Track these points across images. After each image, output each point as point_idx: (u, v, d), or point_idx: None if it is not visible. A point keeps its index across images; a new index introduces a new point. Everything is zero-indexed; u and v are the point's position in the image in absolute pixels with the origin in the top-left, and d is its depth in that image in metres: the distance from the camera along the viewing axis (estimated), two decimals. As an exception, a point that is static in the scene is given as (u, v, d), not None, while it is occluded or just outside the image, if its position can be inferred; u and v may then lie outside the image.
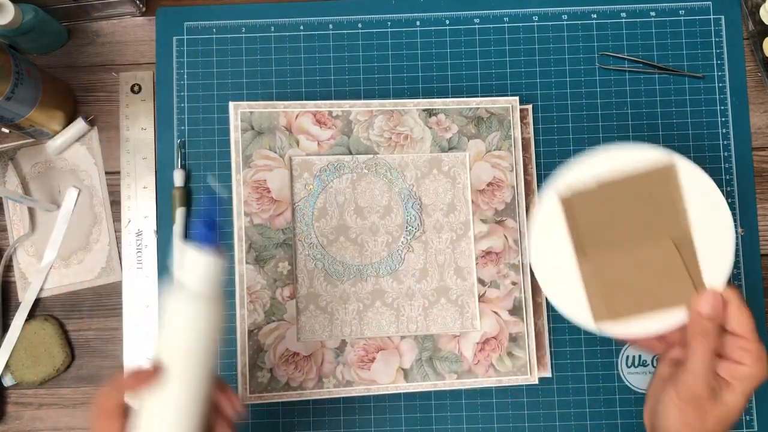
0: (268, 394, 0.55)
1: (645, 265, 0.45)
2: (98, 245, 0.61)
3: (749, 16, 0.62)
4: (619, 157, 0.45)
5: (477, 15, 0.63)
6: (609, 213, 0.45)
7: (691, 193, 0.44)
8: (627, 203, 0.45)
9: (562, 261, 0.46)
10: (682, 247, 0.44)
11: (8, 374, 0.59)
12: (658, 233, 0.45)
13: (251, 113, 0.58)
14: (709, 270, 0.44)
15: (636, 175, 0.45)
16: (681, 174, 0.45)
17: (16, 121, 0.56)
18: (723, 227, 0.44)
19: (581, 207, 0.45)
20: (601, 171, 0.45)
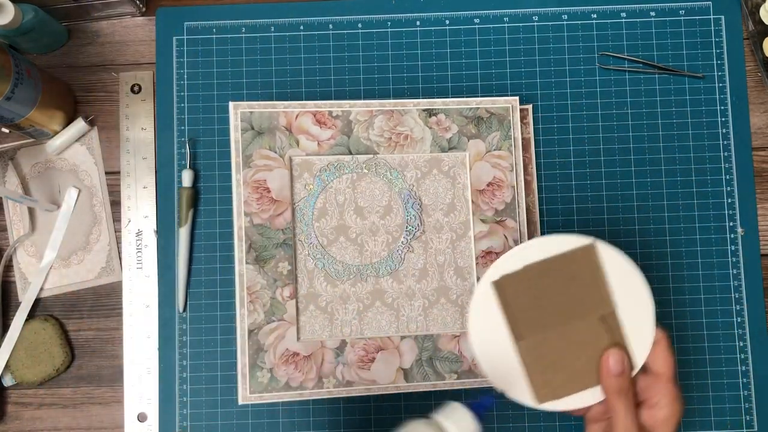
0: (268, 394, 0.55)
1: (577, 343, 0.47)
2: (98, 245, 0.61)
3: (749, 16, 0.62)
4: (545, 244, 0.48)
5: (477, 15, 0.63)
6: (539, 296, 0.47)
7: (610, 271, 0.47)
8: (554, 285, 0.47)
9: (501, 345, 0.48)
10: (608, 322, 0.47)
11: (8, 374, 0.59)
12: (585, 312, 0.47)
13: (251, 113, 0.58)
14: (635, 338, 0.47)
15: (559, 258, 0.47)
16: (600, 254, 0.47)
17: (16, 121, 0.56)
18: (642, 300, 0.47)
19: (513, 291, 0.48)
20: (529, 256, 0.48)
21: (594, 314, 0.47)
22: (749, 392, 0.59)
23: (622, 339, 0.47)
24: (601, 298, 0.47)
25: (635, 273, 0.47)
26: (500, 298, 0.48)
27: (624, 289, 0.47)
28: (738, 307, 0.60)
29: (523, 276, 0.48)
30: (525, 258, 0.48)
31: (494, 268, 0.48)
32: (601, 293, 0.47)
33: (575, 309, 0.47)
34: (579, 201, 0.61)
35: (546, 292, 0.47)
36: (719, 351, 0.60)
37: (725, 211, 0.61)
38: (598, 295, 0.47)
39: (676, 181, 0.61)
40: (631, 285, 0.47)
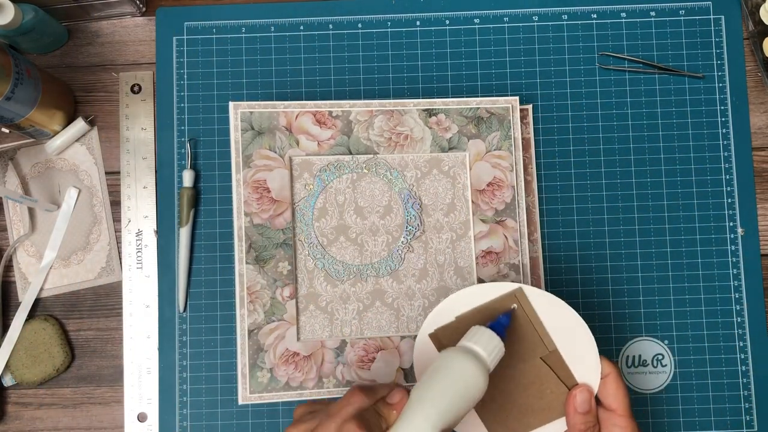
0: (268, 394, 0.55)
1: (524, 384, 0.48)
2: (98, 245, 0.61)
3: (749, 16, 0.62)
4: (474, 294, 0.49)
5: (477, 15, 0.63)
6: None
7: (543, 312, 0.48)
8: None
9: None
10: (551, 361, 0.48)
11: (8, 374, 0.59)
12: (526, 354, 0.48)
13: (251, 113, 0.58)
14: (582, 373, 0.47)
15: (490, 305, 0.49)
16: (529, 297, 0.48)
17: (16, 121, 0.56)
18: (581, 336, 0.47)
19: (449, 342, 0.48)
20: (460, 308, 0.49)
21: (535, 355, 0.48)
22: (749, 392, 0.59)
23: (570, 375, 0.47)
24: (539, 339, 0.48)
25: (569, 311, 0.47)
26: (440, 350, 0.48)
27: (561, 328, 0.48)
28: (738, 307, 0.60)
29: (457, 326, 0.48)
30: (456, 309, 0.49)
31: (428, 322, 0.49)
32: (539, 334, 0.48)
33: (516, 353, 0.48)
34: (579, 201, 0.61)
35: None
36: (719, 351, 0.60)
37: (725, 211, 0.61)
38: (536, 337, 0.48)
39: (676, 181, 0.62)
40: (568, 323, 0.47)
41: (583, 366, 0.47)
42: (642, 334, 0.60)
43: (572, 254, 0.61)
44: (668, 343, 0.60)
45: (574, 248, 0.61)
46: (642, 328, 0.60)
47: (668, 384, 0.59)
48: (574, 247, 0.61)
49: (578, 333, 0.47)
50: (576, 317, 0.47)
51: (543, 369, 0.48)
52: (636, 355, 0.59)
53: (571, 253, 0.61)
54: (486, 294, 0.49)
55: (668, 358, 0.60)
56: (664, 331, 0.60)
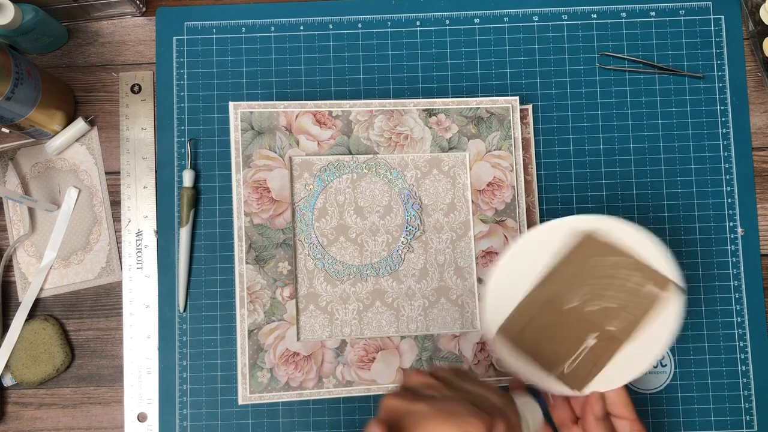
0: (268, 394, 0.55)
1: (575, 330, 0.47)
2: (98, 245, 0.61)
3: (749, 16, 0.62)
4: (644, 243, 0.47)
5: (477, 15, 0.63)
6: (597, 274, 0.47)
7: (659, 322, 0.47)
8: (616, 279, 0.47)
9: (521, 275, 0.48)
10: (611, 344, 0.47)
11: (8, 374, 0.59)
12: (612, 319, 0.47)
13: (251, 113, 0.58)
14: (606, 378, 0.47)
15: (644, 268, 0.47)
16: (671, 302, 0.47)
17: (16, 121, 0.56)
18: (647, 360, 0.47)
19: (584, 252, 0.47)
20: (623, 238, 0.47)
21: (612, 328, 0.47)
22: (749, 392, 0.59)
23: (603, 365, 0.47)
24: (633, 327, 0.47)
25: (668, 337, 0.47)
26: (572, 247, 0.47)
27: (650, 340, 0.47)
28: (738, 307, 0.60)
29: (604, 250, 0.47)
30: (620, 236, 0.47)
31: (588, 219, 0.48)
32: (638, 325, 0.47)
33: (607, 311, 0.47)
34: (579, 201, 0.61)
35: (604, 279, 0.47)
36: (719, 351, 0.60)
37: (725, 211, 0.61)
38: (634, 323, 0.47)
39: (676, 181, 0.61)
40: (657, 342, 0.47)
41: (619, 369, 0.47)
42: (642, 334, 0.60)
43: (572, 254, 0.61)
44: (668, 343, 0.60)
45: (574, 248, 0.61)
46: (642, 328, 0.60)
47: (668, 384, 0.59)
48: (574, 247, 0.61)
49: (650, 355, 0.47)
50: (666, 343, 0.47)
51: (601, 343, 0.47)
52: (636, 355, 0.59)
53: (571, 253, 0.61)
54: (652, 256, 0.47)
55: (668, 358, 0.60)
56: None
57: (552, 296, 0.48)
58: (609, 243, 0.47)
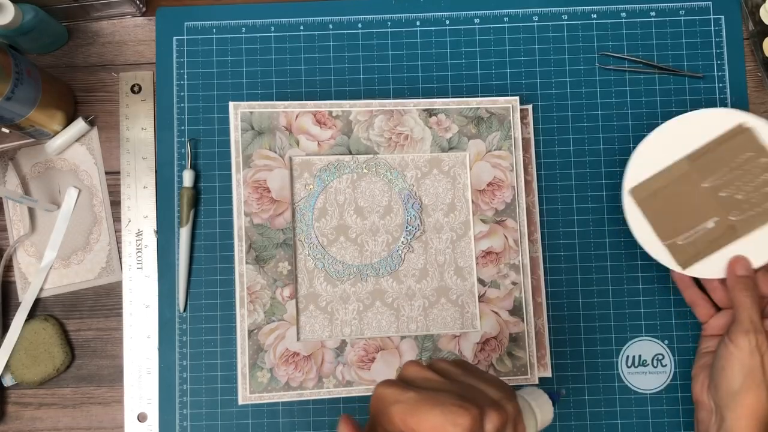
0: (268, 394, 0.55)
1: (702, 206, 0.51)
2: (98, 245, 0.61)
3: (749, 16, 0.62)
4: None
5: (477, 15, 0.63)
6: (739, 166, 0.51)
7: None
8: (755, 168, 0.51)
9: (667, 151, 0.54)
10: (736, 230, 0.50)
11: (8, 374, 0.59)
12: (740, 205, 0.50)
13: (251, 113, 0.58)
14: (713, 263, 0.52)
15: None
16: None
17: (16, 121, 0.56)
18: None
19: (733, 144, 0.52)
20: None
21: (737, 218, 0.50)
22: (749, 392, 0.59)
23: (713, 249, 0.51)
24: (756, 220, 0.50)
25: None
26: (728, 133, 0.52)
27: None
28: (738, 307, 0.60)
29: (754, 147, 0.51)
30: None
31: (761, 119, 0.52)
32: (762, 219, 0.50)
33: (737, 200, 0.50)
34: (579, 201, 0.61)
35: (744, 173, 0.51)
36: (719, 351, 0.60)
37: (725, 211, 0.61)
38: (759, 218, 0.50)
39: (676, 181, 0.61)
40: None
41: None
42: (642, 334, 0.60)
43: (572, 254, 0.61)
44: (668, 343, 0.60)
45: (574, 248, 0.61)
46: (642, 328, 0.60)
47: (668, 384, 0.59)
48: (574, 247, 0.61)
49: None
50: None
51: (722, 226, 0.51)
52: (636, 355, 0.59)
53: (571, 253, 0.61)
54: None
55: (668, 358, 0.60)
56: (664, 331, 0.60)
57: (692, 172, 0.51)
58: (763, 145, 0.50)
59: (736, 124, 0.52)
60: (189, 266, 0.60)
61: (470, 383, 0.39)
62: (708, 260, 0.51)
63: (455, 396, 0.37)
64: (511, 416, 0.38)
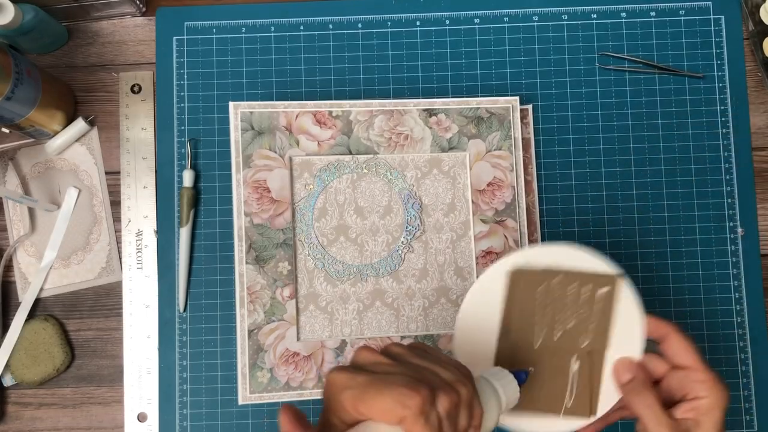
0: (268, 394, 0.55)
1: (553, 365, 0.46)
2: (98, 245, 0.61)
3: (749, 16, 0.62)
4: (574, 256, 0.46)
5: (477, 15, 0.63)
6: (544, 303, 0.46)
7: (622, 311, 0.45)
8: (564, 300, 0.46)
9: (485, 332, 0.47)
10: (592, 359, 0.46)
11: (8, 374, 0.59)
12: (578, 338, 0.46)
13: (251, 113, 0.58)
14: (606, 391, 0.46)
15: (582, 276, 0.46)
16: (621, 290, 0.46)
17: (16, 121, 0.56)
18: (634, 353, 0.45)
19: (523, 287, 0.46)
20: (555, 260, 0.46)
21: (587, 345, 0.46)
22: (749, 392, 0.59)
23: (598, 382, 0.46)
24: (601, 333, 0.46)
25: (640, 324, 0.45)
26: (508, 288, 0.47)
27: (623, 334, 0.45)
28: (738, 307, 0.60)
29: (541, 278, 0.46)
30: (549, 260, 0.46)
31: (510, 260, 0.47)
32: (604, 328, 0.46)
33: (573, 331, 0.46)
34: (579, 201, 0.61)
35: (554, 304, 0.46)
36: (719, 351, 0.60)
37: (725, 211, 0.61)
38: (601, 329, 0.46)
39: (676, 181, 0.61)
40: (631, 333, 0.45)
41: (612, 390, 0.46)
42: (642, 334, 0.60)
43: (572, 254, 0.61)
44: (668, 343, 0.60)
45: (574, 248, 0.61)
46: (642, 328, 0.60)
47: (668, 384, 0.59)
48: (574, 247, 0.61)
49: (633, 348, 0.45)
50: (641, 335, 0.45)
51: (584, 362, 0.46)
52: (636, 355, 0.59)
53: (571, 253, 0.61)
54: (586, 262, 0.46)
55: (668, 358, 0.59)
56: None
57: (516, 343, 0.47)
58: (543, 269, 0.46)
59: (506, 276, 0.47)
60: (189, 266, 0.60)
61: (424, 365, 0.38)
62: (606, 388, 0.46)
63: (406, 378, 0.36)
64: (464, 397, 0.37)
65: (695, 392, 0.42)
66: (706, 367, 0.43)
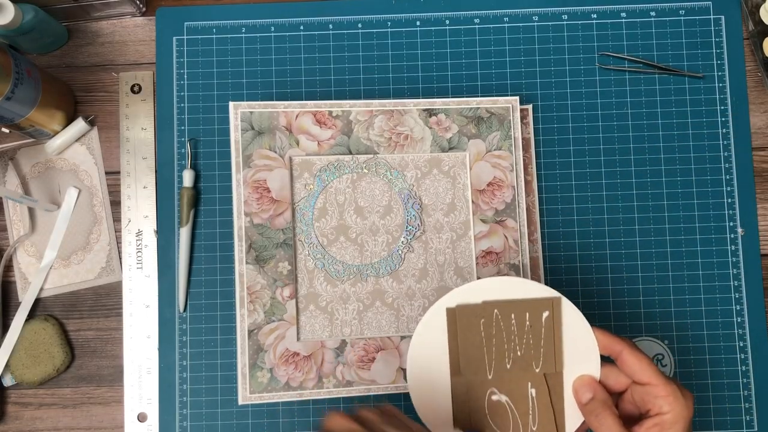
0: (268, 394, 0.55)
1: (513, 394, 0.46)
2: (98, 245, 0.61)
3: (749, 16, 0.62)
4: (510, 286, 0.47)
5: (477, 15, 0.63)
6: (490, 336, 0.46)
7: (568, 330, 0.46)
8: (509, 330, 0.46)
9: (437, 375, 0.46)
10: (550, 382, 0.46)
11: (8, 374, 0.59)
12: (531, 364, 0.46)
13: (251, 113, 0.58)
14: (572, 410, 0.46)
15: (521, 303, 0.46)
16: (563, 311, 0.46)
17: (16, 121, 0.56)
18: (591, 367, 0.45)
19: (465, 324, 0.46)
20: (491, 293, 0.47)
21: (540, 369, 0.46)
22: (749, 392, 0.59)
23: (561, 402, 0.46)
24: (552, 355, 0.46)
25: (591, 340, 0.45)
26: (450, 328, 0.47)
27: (575, 353, 0.46)
28: (738, 307, 0.60)
29: (481, 311, 0.46)
30: (487, 293, 0.47)
31: (452, 295, 0.47)
32: (554, 350, 0.46)
33: (523, 359, 0.46)
34: (579, 201, 0.61)
35: (499, 334, 0.46)
36: (719, 351, 0.60)
37: (725, 211, 0.61)
38: (550, 352, 0.46)
39: (676, 181, 0.62)
40: (584, 350, 0.45)
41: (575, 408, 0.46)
42: (642, 334, 0.60)
43: (572, 254, 0.61)
44: (668, 343, 0.60)
45: (574, 248, 0.61)
46: (642, 328, 0.60)
47: (668, 384, 0.59)
48: (574, 247, 0.61)
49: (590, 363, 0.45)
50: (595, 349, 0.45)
51: (540, 387, 0.46)
52: (636, 355, 0.59)
53: (571, 253, 0.61)
54: (523, 290, 0.46)
55: (668, 358, 0.60)
56: (664, 331, 0.60)
57: (469, 377, 0.46)
58: (481, 303, 0.47)
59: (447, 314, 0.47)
60: (189, 266, 0.60)
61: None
62: (569, 409, 0.46)
63: None
64: None
65: (657, 407, 0.42)
66: (665, 381, 0.42)
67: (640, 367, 0.43)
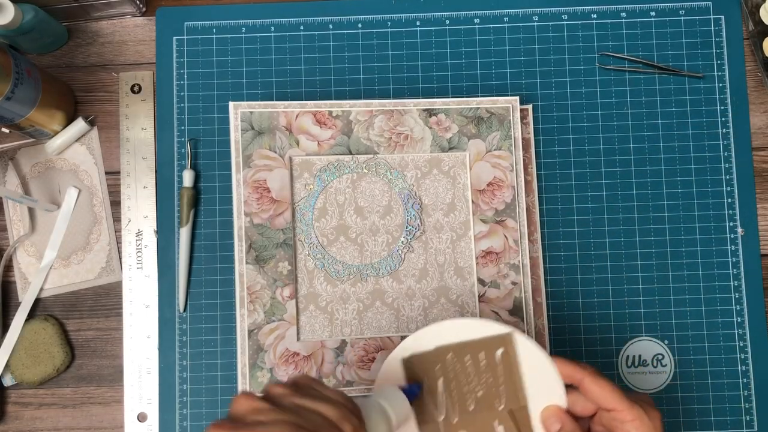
0: (268, 394, 0.55)
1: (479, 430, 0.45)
2: (98, 245, 0.61)
3: (749, 16, 0.62)
4: (462, 327, 0.46)
5: (477, 15, 0.63)
6: (449, 380, 0.46)
7: (526, 363, 0.45)
8: (466, 371, 0.46)
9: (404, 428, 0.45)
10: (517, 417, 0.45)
11: (8, 374, 0.59)
12: (494, 403, 0.45)
13: (251, 113, 0.58)
14: None
15: (475, 343, 0.46)
16: (517, 345, 0.45)
17: (16, 121, 0.56)
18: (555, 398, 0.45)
19: (422, 372, 0.46)
20: (444, 337, 0.46)
21: (504, 406, 0.45)
22: (749, 392, 0.59)
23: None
24: (514, 391, 0.45)
25: (551, 368, 0.45)
26: (407, 376, 0.46)
27: (538, 384, 0.45)
28: (738, 307, 0.60)
29: (435, 357, 0.46)
30: (439, 338, 0.46)
31: (403, 347, 0.46)
32: (515, 386, 0.45)
33: (485, 399, 0.46)
34: (579, 201, 0.61)
35: (457, 378, 0.46)
36: (719, 351, 0.60)
37: (725, 211, 0.61)
38: (512, 387, 0.45)
39: (676, 181, 0.62)
40: (546, 380, 0.45)
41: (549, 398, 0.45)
42: (642, 334, 0.60)
43: (572, 254, 0.61)
44: (668, 343, 0.60)
45: (574, 248, 0.61)
46: (642, 328, 0.60)
47: (668, 384, 0.59)
48: (574, 247, 0.61)
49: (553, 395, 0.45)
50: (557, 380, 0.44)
51: (507, 424, 0.45)
52: (636, 355, 0.59)
53: (571, 253, 0.61)
54: (475, 330, 0.46)
55: (668, 358, 0.60)
56: (664, 331, 0.60)
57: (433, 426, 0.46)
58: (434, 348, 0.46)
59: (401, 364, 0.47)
60: (189, 266, 0.60)
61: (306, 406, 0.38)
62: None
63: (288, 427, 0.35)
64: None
65: (627, 429, 0.42)
66: (629, 405, 0.42)
67: (602, 393, 0.43)
